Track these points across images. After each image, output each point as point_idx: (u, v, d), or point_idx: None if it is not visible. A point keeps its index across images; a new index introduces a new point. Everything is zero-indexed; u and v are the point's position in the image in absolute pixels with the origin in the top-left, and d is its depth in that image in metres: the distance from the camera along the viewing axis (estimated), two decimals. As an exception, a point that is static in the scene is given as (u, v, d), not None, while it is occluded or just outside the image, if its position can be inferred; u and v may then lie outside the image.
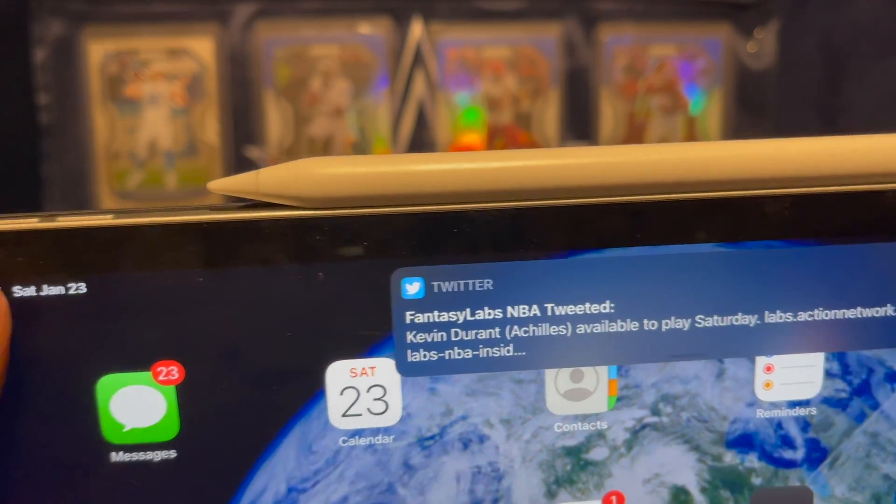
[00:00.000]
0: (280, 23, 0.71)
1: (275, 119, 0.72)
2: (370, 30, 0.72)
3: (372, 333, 0.29)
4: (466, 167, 0.27)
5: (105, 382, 0.28)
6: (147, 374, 0.28)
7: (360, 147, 0.72)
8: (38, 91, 0.71)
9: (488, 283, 0.28)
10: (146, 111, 0.71)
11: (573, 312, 0.29)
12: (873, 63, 0.75)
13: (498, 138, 0.73)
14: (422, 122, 0.73)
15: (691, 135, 0.73)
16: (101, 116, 0.71)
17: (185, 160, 0.72)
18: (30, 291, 0.27)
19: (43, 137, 0.71)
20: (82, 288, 0.27)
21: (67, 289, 0.27)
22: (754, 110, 0.74)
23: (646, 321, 0.29)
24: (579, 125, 0.73)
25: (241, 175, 0.27)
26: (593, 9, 0.73)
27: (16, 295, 0.27)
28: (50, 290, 0.27)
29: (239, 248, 0.27)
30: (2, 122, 0.73)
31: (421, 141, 0.73)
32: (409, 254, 0.28)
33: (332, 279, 0.28)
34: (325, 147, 0.72)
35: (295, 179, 0.27)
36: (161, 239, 0.27)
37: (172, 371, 0.28)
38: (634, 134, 0.73)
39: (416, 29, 0.72)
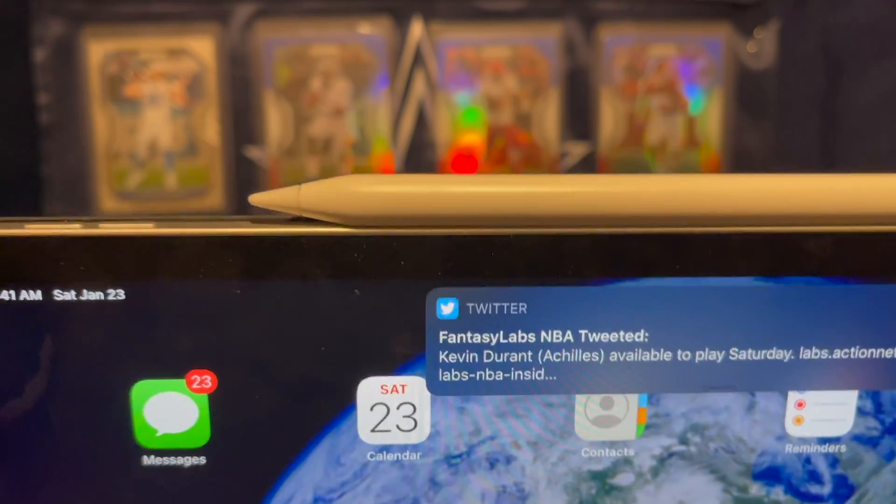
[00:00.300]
0: (280, 23, 0.71)
1: (275, 119, 0.72)
2: (370, 30, 0.72)
3: (404, 351, 0.29)
4: (505, 191, 0.27)
5: (140, 388, 0.29)
6: (181, 382, 0.29)
7: (360, 147, 0.72)
8: (39, 91, 0.71)
9: (523, 306, 0.28)
10: (146, 111, 0.71)
11: (607, 340, 0.29)
12: (873, 63, 0.76)
13: (498, 138, 0.73)
14: (422, 122, 0.73)
15: (691, 135, 0.74)
16: (101, 116, 0.71)
17: (185, 160, 0.72)
18: (69, 296, 0.28)
19: (43, 137, 0.71)
20: (121, 294, 0.28)
21: (106, 294, 0.28)
22: (754, 110, 0.74)
23: (679, 352, 0.29)
24: (579, 125, 0.74)
25: (283, 189, 0.28)
26: (593, 9, 0.73)
27: (56, 299, 0.28)
28: (89, 296, 0.28)
29: (278, 262, 0.28)
30: (2, 122, 0.73)
31: (421, 141, 0.73)
32: (445, 274, 0.28)
33: (368, 296, 0.28)
34: (324, 147, 0.72)
35: (336, 196, 0.27)
36: (201, 250, 0.28)
37: (206, 380, 0.29)
38: (634, 134, 0.73)
39: (416, 29, 0.72)
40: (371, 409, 0.29)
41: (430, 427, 0.30)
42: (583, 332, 0.29)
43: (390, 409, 0.29)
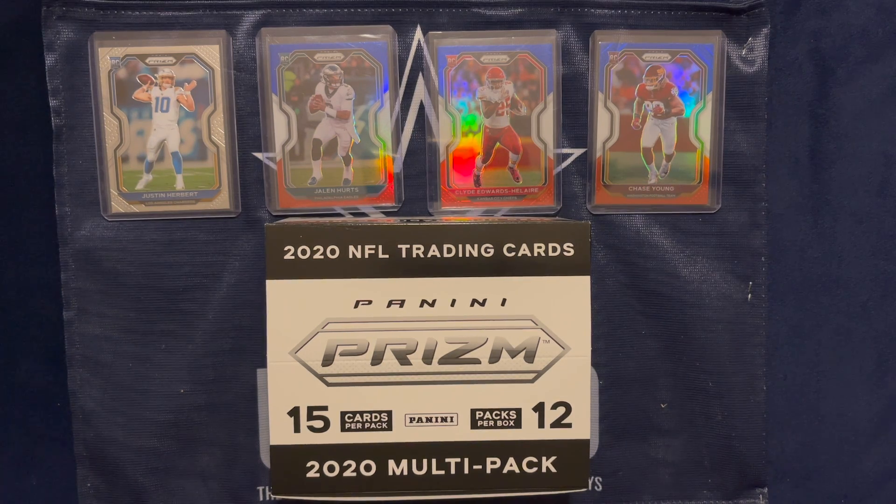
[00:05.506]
0: (285, 30, 0.73)
1: (280, 123, 0.73)
2: (372, 37, 0.73)
3: None
4: None
5: None
6: None
7: (363, 150, 0.74)
8: (50, 95, 0.73)
9: None
10: (155, 115, 0.73)
11: None
12: (862, 68, 0.77)
13: (496, 143, 0.75)
14: (422, 127, 0.74)
15: (685, 139, 0.75)
16: (110, 120, 0.72)
17: (192, 163, 0.73)
18: None
19: (54, 140, 0.73)
20: None
21: None
22: (746, 114, 0.75)
23: None
24: (575, 129, 0.75)
25: None
26: (588, 16, 0.74)
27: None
28: None
29: None
30: (14, 126, 0.74)
31: (422, 145, 0.75)
32: None
33: None
34: (328, 150, 0.73)
35: None
36: None
37: None
38: (630, 137, 0.75)
39: (417, 36, 0.74)
40: None
41: None
42: None
43: None
